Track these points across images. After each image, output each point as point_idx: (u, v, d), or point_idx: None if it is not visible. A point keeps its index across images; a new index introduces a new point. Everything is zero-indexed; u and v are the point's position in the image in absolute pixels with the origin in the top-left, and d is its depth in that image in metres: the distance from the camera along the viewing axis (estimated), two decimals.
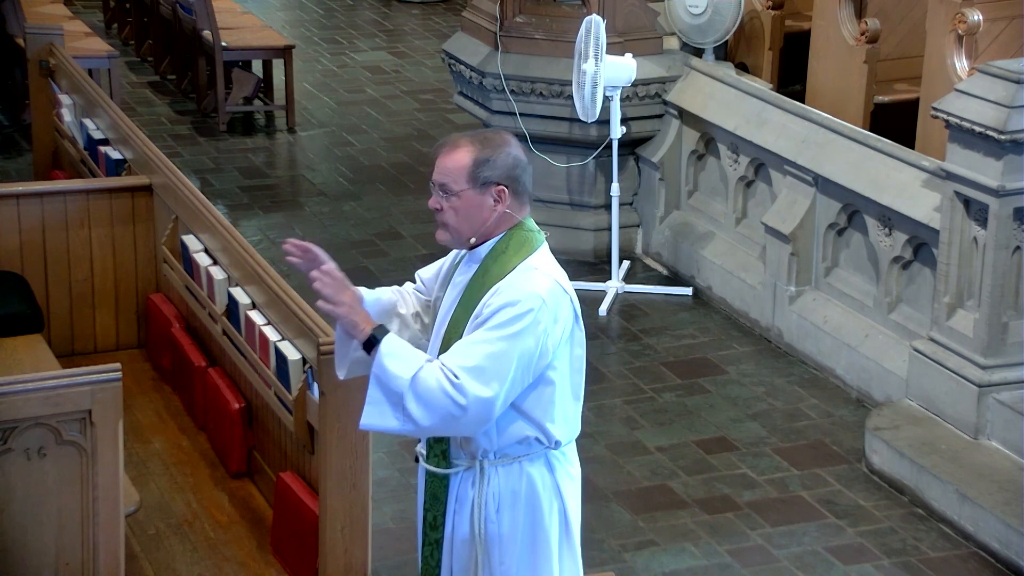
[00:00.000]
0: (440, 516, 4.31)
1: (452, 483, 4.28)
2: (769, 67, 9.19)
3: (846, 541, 6.28)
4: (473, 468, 4.24)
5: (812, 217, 7.68)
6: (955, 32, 7.70)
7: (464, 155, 4.11)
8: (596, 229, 8.84)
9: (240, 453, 6.04)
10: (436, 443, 4.28)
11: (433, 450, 4.30)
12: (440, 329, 4.25)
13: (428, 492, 4.34)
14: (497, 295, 4.08)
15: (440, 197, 4.14)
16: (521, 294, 4.06)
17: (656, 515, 6.43)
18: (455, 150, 4.12)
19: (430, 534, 4.36)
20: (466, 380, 3.98)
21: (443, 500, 4.30)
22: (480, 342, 4.02)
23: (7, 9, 10.95)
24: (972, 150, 6.47)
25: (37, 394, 4.57)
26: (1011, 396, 6.50)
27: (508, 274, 4.12)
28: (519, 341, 4.02)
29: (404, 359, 4.03)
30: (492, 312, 4.05)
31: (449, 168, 4.12)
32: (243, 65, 11.55)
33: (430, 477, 4.33)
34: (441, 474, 4.29)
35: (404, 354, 4.05)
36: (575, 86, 8.21)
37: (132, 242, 7.15)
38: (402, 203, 9.83)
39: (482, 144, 4.14)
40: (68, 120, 8.20)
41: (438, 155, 4.15)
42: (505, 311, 4.04)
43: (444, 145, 4.17)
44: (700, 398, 7.42)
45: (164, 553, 5.60)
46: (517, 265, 4.13)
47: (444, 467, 4.28)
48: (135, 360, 7.03)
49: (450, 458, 4.27)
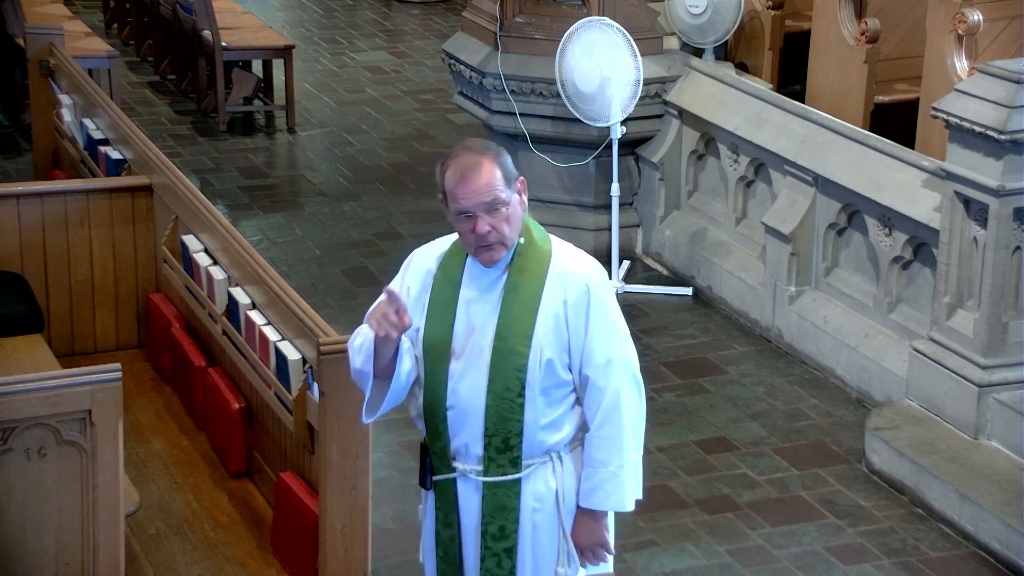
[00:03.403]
0: (511, 523, 4.29)
1: (525, 485, 4.28)
2: (769, 67, 9.19)
3: (846, 541, 6.28)
4: (548, 462, 4.28)
5: (812, 217, 7.68)
6: (955, 32, 7.70)
7: (489, 166, 4.12)
8: (596, 229, 8.83)
9: (240, 453, 6.04)
10: (504, 451, 4.25)
11: (497, 460, 4.26)
12: (482, 337, 4.20)
13: (489, 504, 4.29)
14: (566, 285, 4.20)
15: (492, 217, 4.13)
16: (592, 268, 4.28)
17: (656, 515, 6.42)
18: (479, 167, 4.11)
19: (494, 545, 4.31)
20: (634, 377, 4.28)
21: (515, 506, 4.28)
22: (603, 342, 4.20)
23: (7, 9, 10.95)
24: (972, 150, 6.47)
25: (37, 394, 4.57)
26: (1011, 396, 6.50)
27: (551, 258, 4.24)
28: (616, 306, 4.29)
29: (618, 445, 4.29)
30: (587, 301, 4.20)
31: (488, 184, 4.11)
32: (243, 65, 11.55)
33: (491, 489, 4.28)
34: (511, 480, 4.27)
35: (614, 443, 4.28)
36: (591, 90, 8.19)
37: (132, 242, 7.15)
38: (402, 203, 9.82)
39: (486, 149, 4.17)
40: (68, 120, 8.20)
41: (463, 182, 4.10)
42: (598, 294, 4.22)
43: (466, 170, 4.11)
44: (700, 398, 7.42)
45: (164, 553, 5.60)
46: (550, 247, 4.27)
47: (514, 472, 4.27)
48: (135, 360, 7.03)
49: (521, 462, 4.27)
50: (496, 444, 4.24)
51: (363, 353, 4.19)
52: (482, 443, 4.24)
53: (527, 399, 4.20)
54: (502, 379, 4.19)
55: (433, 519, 4.39)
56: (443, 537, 4.37)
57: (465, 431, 4.25)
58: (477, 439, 4.24)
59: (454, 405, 4.24)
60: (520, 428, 4.22)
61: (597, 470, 4.26)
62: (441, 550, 4.39)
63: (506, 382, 4.19)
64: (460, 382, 4.21)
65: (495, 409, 4.20)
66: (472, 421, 4.24)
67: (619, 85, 8.19)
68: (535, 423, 4.23)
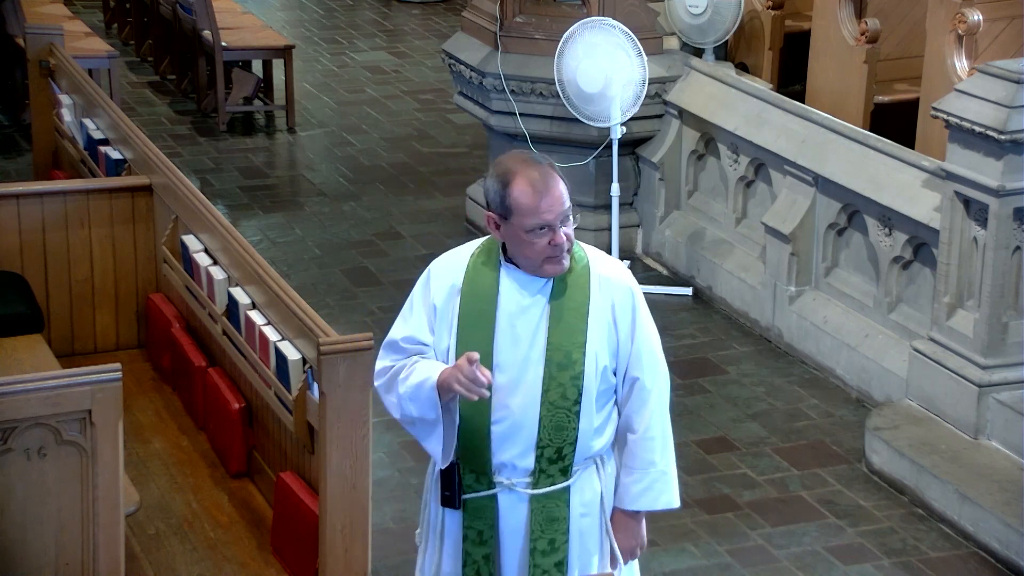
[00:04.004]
0: (562, 535, 4.28)
1: (573, 493, 4.27)
2: (769, 67, 9.19)
3: (846, 541, 6.28)
4: (592, 466, 4.29)
5: (812, 217, 7.68)
6: (955, 32, 7.70)
7: (556, 176, 4.15)
8: (596, 229, 8.83)
9: (240, 453, 6.04)
10: (556, 462, 4.23)
11: (548, 471, 4.23)
12: (532, 348, 4.18)
13: (538, 518, 4.26)
14: (612, 290, 4.23)
15: (565, 226, 4.14)
16: (627, 271, 4.34)
17: (656, 515, 6.39)
18: (552, 178, 4.13)
19: (543, 562, 4.28)
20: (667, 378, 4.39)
21: (564, 516, 4.27)
22: (648, 344, 4.29)
23: (7, 9, 10.95)
24: (972, 150, 6.47)
25: (37, 394, 4.56)
26: (1011, 396, 6.50)
27: (589, 263, 4.25)
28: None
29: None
30: (632, 304, 4.27)
31: (563, 193, 4.14)
32: (243, 65, 11.55)
33: (540, 502, 4.26)
34: (560, 489, 4.26)
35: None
36: (595, 91, 8.18)
37: (132, 242, 7.14)
38: (402, 203, 9.82)
39: (541, 159, 4.19)
40: (68, 120, 8.20)
41: (544, 195, 4.09)
42: (638, 296, 4.28)
43: (540, 184, 4.11)
44: (700, 398, 7.42)
45: (164, 553, 5.59)
46: (584, 252, 4.27)
47: (564, 480, 4.26)
48: (135, 360, 7.03)
49: (571, 470, 4.26)
50: (549, 455, 4.21)
51: (419, 402, 4.15)
52: (533, 455, 4.21)
53: (583, 407, 4.19)
54: (558, 388, 4.17)
55: (459, 539, 4.33)
56: (475, 556, 4.32)
57: (514, 444, 4.21)
58: (528, 451, 4.21)
59: (502, 419, 4.19)
60: (575, 437, 4.21)
61: (648, 472, 4.29)
62: (471, 571, 4.33)
63: (563, 391, 4.17)
64: (509, 396, 4.16)
65: (550, 419, 4.18)
66: (524, 434, 4.20)
67: (623, 85, 8.19)
68: (589, 430, 4.23)
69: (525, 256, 4.17)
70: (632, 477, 4.30)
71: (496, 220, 4.16)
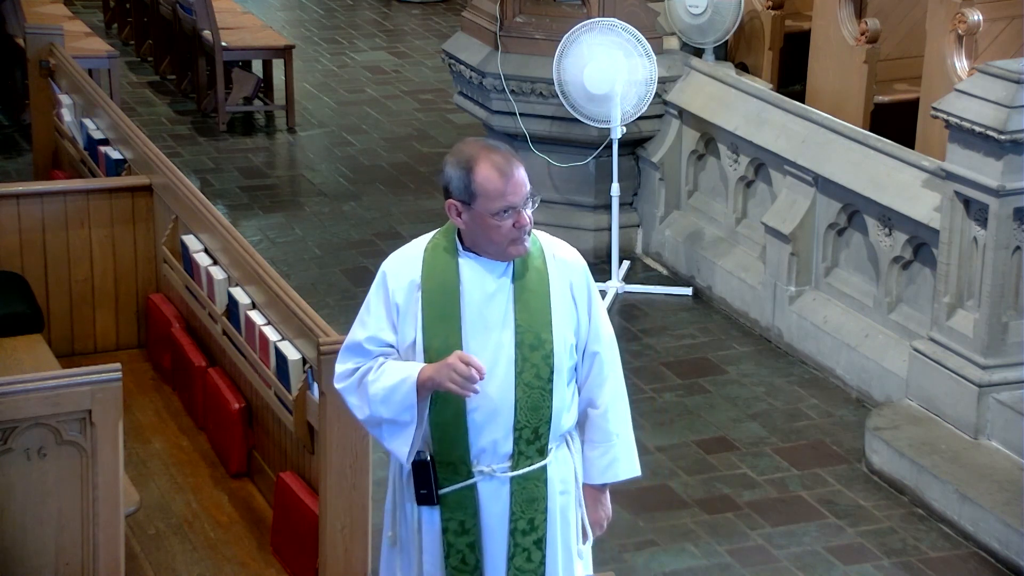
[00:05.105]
0: (540, 514, 4.34)
1: (551, 471, 4.34)
2: (769, 67, 9.19)
3: (846, 541, 6.28)
4: (563, 444, 4.38)
5: (812, 217, 7.68)
6: (955, 32, 7.70)
7: (518, 162, 4.19)
8: (596, 229, 8.83)
9: (240, 453, 6.04)
10: (533, 442, 4.29)
11: (526, 452, 4.29)
12: (501, 332, 4.23)
13: (518, 500, 4.31)
14: (568, 270, 4.34)
15: (526, 208, 4.19)
16: (578, 256, 4.42)
17: (656, 515, 6.43)
18: (513, 161, 4.17)
19: (523, 540, 4.34)
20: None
21: (543, 495, 4.33)
22: (603, 319, 4.42)
23: (7, 9, 10.95)
24: (972, 150, 6.47)
25: (37, 394, 4.57)
26: (1011, 396, 6.50)
27: (543, 246, 4.34)
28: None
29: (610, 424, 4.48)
30: (587, 283, 4.37)
31: (524, 176, 4.19)
32: (243, 65, 11.55)
33: (520, 483, 4.31)
34: (538, 469, 4.32)
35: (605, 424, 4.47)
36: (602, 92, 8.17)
37: (132, 242, 7.15)
38: (402, 203, 9.83)
39: (498, 144, 4.22)
40: (68, 120, 8.20)
41: (508, 179, 4.13)
42: (588, 278, 4.38)
43: (504, 167, 4.14)
44: (700, 398, 7.42)
45: (164, 553, 5.60)
46: (536, 236, 4.34)
47: (540, 460, 4.32)
48: (135, 360, 7.03)
49: (547, 449, 4.33)
50: (527, 436, 4.27)
51: (392, 404, 4.17)
52: (512, 437, 4.26)
53: (555, 384, 4.27)
54: (532, 369, 4.23)
55: (439, 533, 4.34)
56: (458, 547, 4.34)
57: (492, 430, 4.25)
58: (506, 435, 4.26)
59: (479, 406, 4.22)
60: (549, 415, 4.28)
61: (612, 444, 4.40)
62: (456, 560, 4.35)
63: (536, 371, 4.24)
64: (485, 382, 4.17)
65: (527, 400, 4.24)
66: (501, 417, 4.24)
67: (629, 85, 8.18)
68: (562, 408, 4.31)
69: (490, 240, 4.20)
70: (597, 451, 4.41)
71: (458, 207, 4.19)
